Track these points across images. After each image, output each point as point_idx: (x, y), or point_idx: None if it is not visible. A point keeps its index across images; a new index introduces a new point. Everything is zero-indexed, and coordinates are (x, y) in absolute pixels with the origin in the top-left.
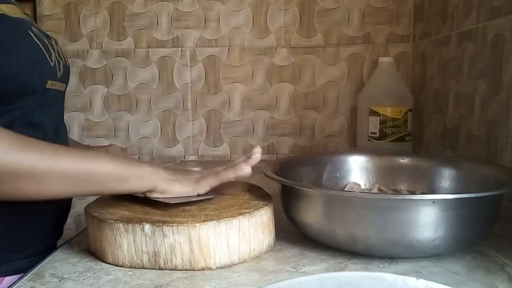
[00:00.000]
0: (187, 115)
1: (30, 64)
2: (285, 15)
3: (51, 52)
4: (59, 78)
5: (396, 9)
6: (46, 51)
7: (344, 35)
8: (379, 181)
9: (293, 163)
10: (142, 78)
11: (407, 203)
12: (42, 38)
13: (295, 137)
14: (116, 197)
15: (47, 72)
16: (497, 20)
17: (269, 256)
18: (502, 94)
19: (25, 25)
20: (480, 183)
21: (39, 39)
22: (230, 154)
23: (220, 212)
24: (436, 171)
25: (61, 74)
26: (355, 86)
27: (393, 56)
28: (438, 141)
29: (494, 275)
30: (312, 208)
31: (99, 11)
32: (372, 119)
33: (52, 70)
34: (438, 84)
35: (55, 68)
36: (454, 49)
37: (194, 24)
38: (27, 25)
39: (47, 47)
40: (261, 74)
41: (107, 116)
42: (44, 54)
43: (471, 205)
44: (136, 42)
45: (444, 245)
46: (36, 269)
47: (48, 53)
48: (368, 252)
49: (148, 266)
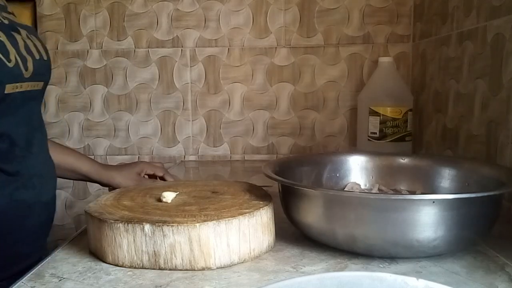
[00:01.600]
0: (187, 115)
1: None
2: (285, 15)
3: (9, 50)
4: (29, 78)
5: (396, 9)
6: (1, 50)
7: (344, 35)
8: (379, 181)
9: (293, 163)
10: (142, 78)
11: (407, 203)
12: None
13: (295, 137)
14: (116, 197)
15: (3, 76)
16: (497, 20)
17: (269, 256)
18: (502, 94)
19: None
20: (480, 183)
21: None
22: (230, 154)
23: (220, 212)
24: (436, 171)
25: (30, 73)
26: (355, 86)
27: (393, 56)
28: (438, 141)
29: (494, 275)
30: (312, 208)
31: (99, 11)
32: (372, 119)
33: (12, 72)
34: (438, 84)
35: (17, 68)
36: (454, 49)
37: (194, 24)
38: None
39: (2, 46)
40: (261, 74)
41: (107, 116)
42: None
43: (471, 205)
44: (136, 42)
45: (444, 245)
46: (36, 269)
47: (4, 52)
48: (368, 252)
49: (148, 266)
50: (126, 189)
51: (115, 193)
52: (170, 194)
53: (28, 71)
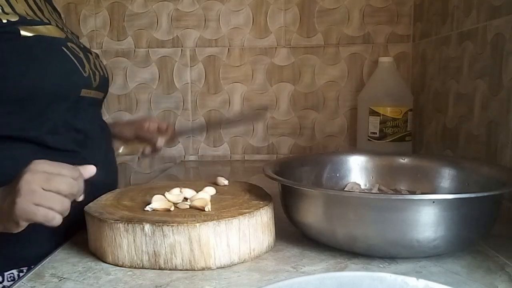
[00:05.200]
0: (187, 115)
1: (62, 74)
2: (285, 15)
3: (85, 64)
4: (95, 87)
5: (396, 9)
6: (80, 63)
7: (344, 35)
8: (379, 181)
9: (293, 163)
10: (142, 78)
11: (407, 203)
12: (77, 53)
13: (295, 137)
14: (116, 197)
15: (80, 82)
16: (497, 20)
17: (269, 256)
18: (502, 94)
19: (60, 42)
20: (480, 183)
21: (73, 53)
22: (230, 154)
23: (220, 212)
24: (436, 171)
25: (97, 84)
26: (355, 86)
27: (393, 56)
28: (438, 141)
29: (494, 275)
30: (312, 208)
31: (99, 11)
32: (372, 119)
33: (86, 80)
34: (438, 84)
35: (90, 78)
36: (454, 49)
37: (194, 24)
38: (61, 42)
39: (81, 60)
40: (261, 74)
41: (107, 116)
42: (77, 67)
43: (471, 205)
44: (136, 42)
45: (444, 245)
46: (36, 269)
47: (82, 65)
48: (368, 252)
49: (148, 266)
50: (126, 189)
51: (115, 193)
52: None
53: (96, 82)
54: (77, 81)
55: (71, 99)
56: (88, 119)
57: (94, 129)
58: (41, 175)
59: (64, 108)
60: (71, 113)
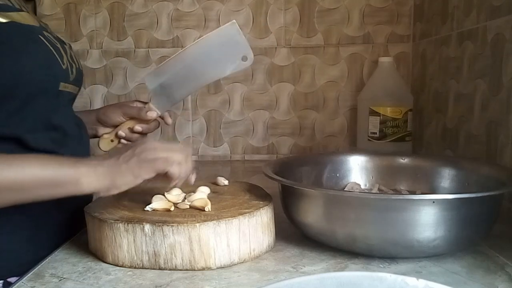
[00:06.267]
0: (187, 115)
1: (41, 66)
2: (285, 15)
3: (63, 55)
4: (72, 81)
5: (396, 9)
6: (58, 54)
7: (344, 35)
8: (379, 181)
9: (293, 163)
10: (142, 78)
11: (407, 203)
12: (54, 43)
13: (295, 137)
14: (116, 197)
15: (59, 74)
16: (497, 20)
17: (269, 256)
18: (502, 94)
19: (36, 30)
20: (480, 183)
21: (51, 43)
22: (230, 154)
23: (220, 212)
24: (436, 171)
25: (73, 77)
26: (355, 86)
27: (393, 56)
28: (438, 141)
29: (494, 275)
30: (312, 208)
31: (99, 11)
32: (372, 119)
33: (65, 72)
34: (438, 84)
35: (67, 71)
36: (454, 49)
37: (194, 24)
38: (37, 30)
39: (58, 51)
40: (261, 74)
41: None
42: (56, 58)
43: (471, 205)
44: (136, 42)
45: (444, 245)
46: (36, 269)
47: (60, 56)
48: (368, 252)
49: (148, 266)
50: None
51: None
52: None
53: (73, 75)
54: (56, 73)
55: (50, 93)
56: (67, 116)
57: (73, 127)
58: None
59: (43, 104)
60: (50, 110)
